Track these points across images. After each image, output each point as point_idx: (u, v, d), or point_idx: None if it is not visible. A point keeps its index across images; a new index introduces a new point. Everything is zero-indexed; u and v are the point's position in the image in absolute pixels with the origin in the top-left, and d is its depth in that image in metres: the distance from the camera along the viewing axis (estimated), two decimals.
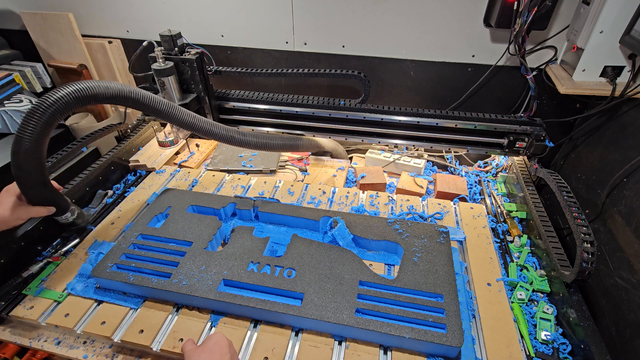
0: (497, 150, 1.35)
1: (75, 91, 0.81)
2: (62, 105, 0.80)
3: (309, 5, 1.39)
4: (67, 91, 0.80)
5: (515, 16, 1.16)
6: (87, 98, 0.83)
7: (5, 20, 1.77)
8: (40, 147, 0.81)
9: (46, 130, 0.81)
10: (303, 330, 0.87)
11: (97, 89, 0.84)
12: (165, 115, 0.98)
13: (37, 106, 0.78)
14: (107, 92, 0.85)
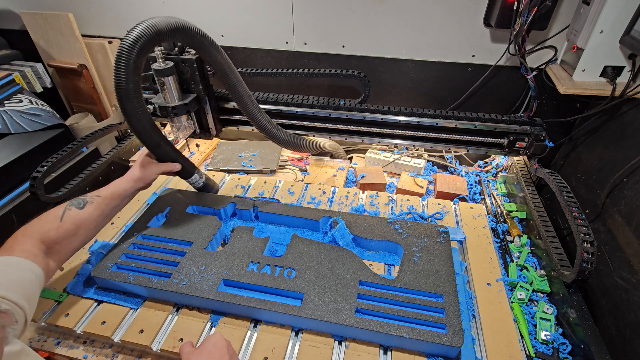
0: (497, 150, 1.35)
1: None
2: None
3: (309, 5, 1.39)
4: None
5: (515, 16, 1.16)
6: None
7: (5, 20, 1.77)
8: (140, 107, 0.89)
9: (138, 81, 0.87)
10: (303, 330, 0.87)
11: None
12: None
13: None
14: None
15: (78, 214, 0.86)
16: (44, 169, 1.10)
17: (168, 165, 1.00)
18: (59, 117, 1.67)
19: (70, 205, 0.87)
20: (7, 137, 1.49)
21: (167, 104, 1.25)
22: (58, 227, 0.82)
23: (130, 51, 0.84)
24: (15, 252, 0.73)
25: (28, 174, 1.09)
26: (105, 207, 0.91)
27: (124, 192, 0.94)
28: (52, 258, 0.80)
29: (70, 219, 0.85)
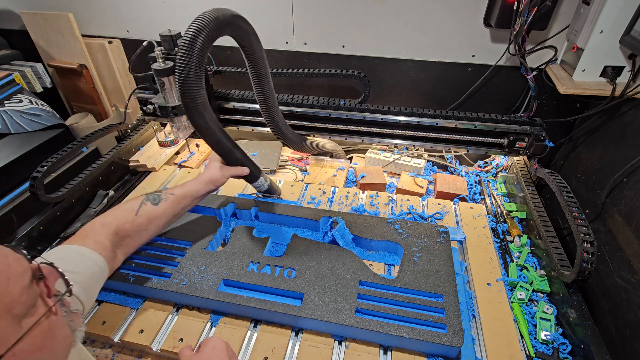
0: (497, 150, 1.35)
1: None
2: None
3: (309, 5, 1.39)
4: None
5: (515, 16, 1.16)
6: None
7: (5, 20, 1.77)
8: (212, 119, 0.90)
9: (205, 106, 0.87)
10: (303, 330, 0.87)
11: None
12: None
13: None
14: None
15: (153, 210, 0.87)
16: (44, 169, 1.10)
17: (237, 169, 1.02)
18: (59, 117, 1.67)
19: (146, 200, 0.88)
20: (7, 137, 1.49)
21: (167, 104, 1.25)
22: (133, 220, 0.84)
23: (198, 73, 0.82)
24: (88, 242, 0.75)
25: (28, 174, 1.09)
26: (177, 206, 0.92)
27: (195, 194, 0.95)
28: (120, 250, 0.82)
29: (145, 214, 0.86)
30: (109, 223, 0.81)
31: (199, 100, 0.85)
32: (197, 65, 0.81)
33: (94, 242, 0.76)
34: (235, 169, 1.02)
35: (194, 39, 0.80)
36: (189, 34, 0.80)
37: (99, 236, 0.78)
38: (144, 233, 0.86)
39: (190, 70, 0.81)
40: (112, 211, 0.84)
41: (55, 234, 1.17)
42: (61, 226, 1.20)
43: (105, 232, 0.79)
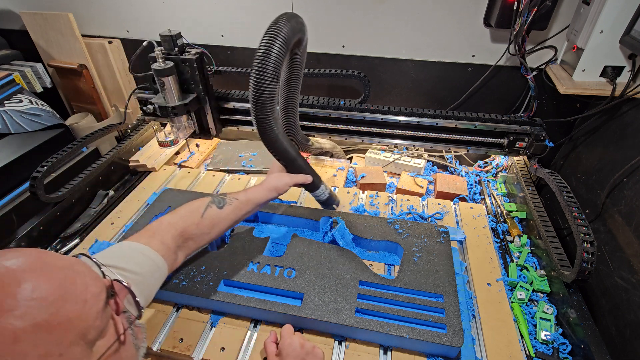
0: (497, 150, 1.35)
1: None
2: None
3: (309, 5, 1.39)
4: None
5: (515, 16, 1.16)
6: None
7: (5, 20, 1.77)
8: (279, 131, 0.89)
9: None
10: (303, 330, 0.87)
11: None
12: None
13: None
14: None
15: (217, 214, 0.86)
16: (44, 169, 1.10)
17: (300, 177, 0.99)
18: (59, 117, 1.67)
19: (211, 203, 0.86)
20: (7, 137, 1.49)
21: (167, 104, 1.25)
22: (198, 222, 0.82)
23: (274, 83, 0.78)
24: (154, 242, 0.74)
25: (28, 174, 1.09)
26: (239, 211, 0.90)
27: (258, 200, 0.93)
28: (182, 252, 0.81)
29: (210, 217, 0.84)
30: (175, 223, 0.79)
31: (271, 115, 0.83)
32: (273, 78, 0.78)
33: (159, 242, 0.75)
34: (298, 176, 0.99)
35: (269, 49, 0.77)
36: (264, 44, 0.77)
37: (166, 236, 0.77)
38: (206, 236, 0.85)
39: (266, 85, 0.78)
40: (178, 211, 0.83)
41: (55, 234, 1.17)
42: (61, 226, 1.20)
43: (171, 232, 0.78)
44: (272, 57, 0.76)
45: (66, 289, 0.41)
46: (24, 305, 0.37)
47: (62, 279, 0.41)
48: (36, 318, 0.37)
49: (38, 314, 0.37)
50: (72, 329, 0.39)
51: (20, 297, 0.37)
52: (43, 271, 0.41)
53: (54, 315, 0.38)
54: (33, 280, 0.39)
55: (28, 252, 0.43)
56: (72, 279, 0.42)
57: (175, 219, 0.80)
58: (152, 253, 0.72)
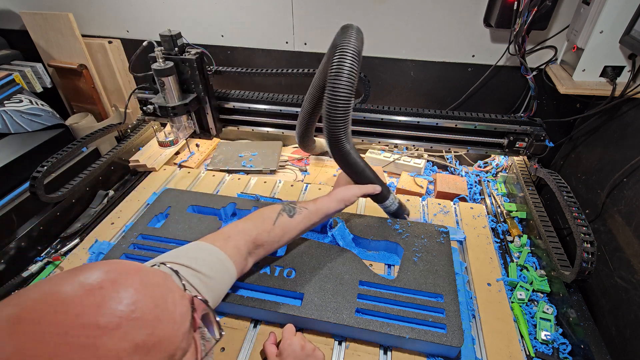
0: (497, 150, 1.35)
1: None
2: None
3: (309, 5, 1.39)
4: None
5: (515, 16, 1.16)
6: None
7: (5, 20, 1.77)
8: (352, 146, 0.91)
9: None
10: (303, 330, 0.87)
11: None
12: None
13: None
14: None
15: (288, 222, 0.87)
16: (44, 169, 1.10)
17: (369, 188, 0.99)
18: (59, 117, 1.67)
19: (282, 211, 0.87)
20: (7, 137, 1.49)
21: (167, 104, 1.25)
22: (270, 230, 0.83)
23: (348, 101, 0.79)
24: (228, 246, 0.75)
25: (28, 174, 1.09)
26: (308, 221, 0.90)
27: (327, 210, 0.93)
28: (251, 258, 0.82)
29: (281, 225, 0.85)
30: (249, 230, 0.81)
31: (345, 131, 0.84)
32: (349, 94, 0.79)
33: (233, 247, 0.76)
34: (367, 187, 0.99)
35: (348, 69, 0.77)
36: (339, 61, 0.77)
37: (240, 242, 0.78)
38: (276, 244, 0.86)
39: (341, 102, 0.79)
40: (252, 218, 0.84)
41: (55, 234, 1.17)
42: (61, 226, 1.20)
43: (245, 238, 0.79)
44: (347, 74, 0.77)
45: (161, 309, 0.40)
46: (126, 324, 0.36)
47: (158, 297, 0.40)
48: (136, 339, 0.36)
49: (137, 335, 0.36)
50: (163, 350, 0.38)
51: (121, 315, 0.36)
52: (142, 288, 0.40)
53: (150, 336, 0.37)
54: (133, 298, 0.38)
55: (127, 266, 0.42)
56: (165, 298, 0.41)
57: (249, 226, 0.81)
58: (224, 258, 0.72)
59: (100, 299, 0.36)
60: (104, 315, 0.35)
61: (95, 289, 0.37)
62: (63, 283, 0.37)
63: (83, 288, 0.36)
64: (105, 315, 0.35)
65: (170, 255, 0.69)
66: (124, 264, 0.43)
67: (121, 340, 0.35)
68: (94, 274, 0.38)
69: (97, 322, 0.34)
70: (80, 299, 0.35)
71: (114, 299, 0.37)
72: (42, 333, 0.32)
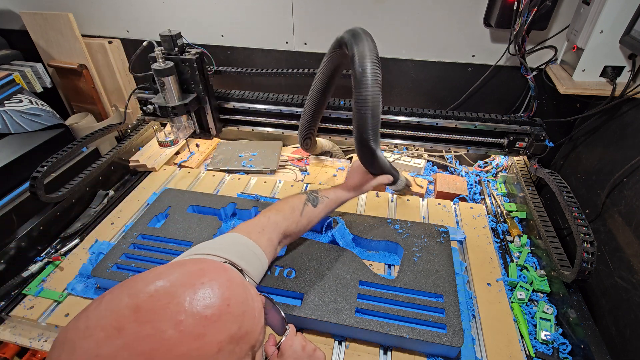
0: (497, 150, 1.35)
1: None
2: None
3: (309, 5, 1.39)
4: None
5: (515, 16, 1.16)
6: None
7: (5, 20, 1.77)
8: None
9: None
10: (303, 330, 0.87)
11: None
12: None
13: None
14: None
15: (313, 212, 0.91)
16: (44, 169, 1.10)
17: (384, 178, 1.01)
18: (59, 117, 1.67)
19: (307, 201, 0.91)
20: (7, 137, 1.49)
21: (167, 104, 1.25)
22: (298, 221, 0.88)
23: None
24: (262, 239, 0.79)
25: (28, 174, 1.09)
26: (328, 209, 0.95)
27: (344, 198, 0.98)
28: (279, 247, 0.87)
29: (307, 216, 0.90)
30: (281, 222, 0.85)
31: (376, 134, 0.87)
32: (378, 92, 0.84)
33: (267, 240, 0.80)
34: (382, 178, 1.01)
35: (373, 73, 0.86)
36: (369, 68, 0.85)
37: (273, 234, 0.82)
38: (301, 232, 0.91)
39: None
40: (281, 209, 0.88)
41: (55, 234, 1.17)
42: (61, 226, 1.20)
43: (277, 231, 0.83)
44: (373, 77, 0.85)
45: (246, 305, 0.45)
46: (224, 317, 0.41)
47: (243, 294, 0.45)
48: (230, 330, 0.41)
49: (232, 327, 0.41)
50: (248, 341, 0.43)
51: (221, 309, 0.41)
52: (232, 286, 0.44)
53: (240, 329, 0.42)
54: (227, 295, 0.43)
55: (217, 264, 0.47)
56: (247, 295, 0.46)
57: (280, 219, 0.85)
58: (260, 253, 0.76)
59: (203, 294, 0.41)
60: (209, 308, 0.40)
61: (197, 285, 0.41)
62: (168, 278, 0.42)
63: (187, 284, 0.41)
64: (209, 308, 0.40)
65: (212, 248, 0.71)
66: (213, 263, 0.47)
67: (221, 331, 0.39)
68: (191, 271, 0.44)
69: (204, 314, 0.39)
70: (187, 294, 0.40)
71: (214, 296, 0.41)
72: (160, 321, 0.37)
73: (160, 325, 0.36)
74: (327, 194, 0.96)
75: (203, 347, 0.37)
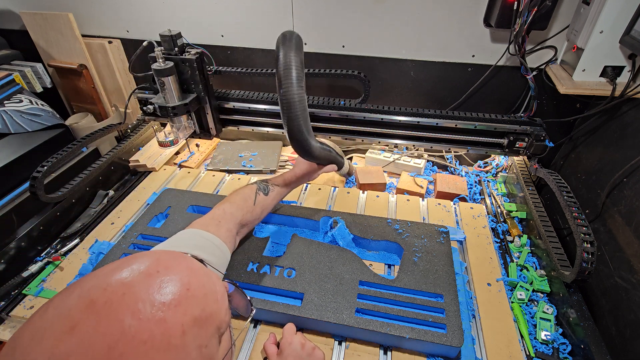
0: (497, 150, 1.35)
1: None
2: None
3: (309, 5, 1.39)
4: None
5: (515, 16, 1.16)
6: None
7: (5, 20, 1.77)
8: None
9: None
10: (303, 330, 0.87)
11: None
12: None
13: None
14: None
15: (265, 200, 0.94)
16: (44, 169, 1.10)
17: (328, 168, 1.08)
18: (59, 117, 1.67)
19: (259, 190, 0.94)
20: (7, 137, 1.49)
21: (167, 104, 1.25)
22: (252, 210, 0.91)
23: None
24: (221, 231, 0.79)
25: (28, 174, 1.09)
26: (279, 196, 1.00)
27: (294, 186, 1.04)
28: (238, 237, 0.90)
29: (260, 204, 0.93)
30: (236, 213, 0.86)
31: (307, 127, 0.86)
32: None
33: (226, 230, 0.81)
34: (327, 168, 1.08)
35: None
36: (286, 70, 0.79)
37: (230, 224, 0.83)
38: (256, 221, 0.94)
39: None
40: (234, 200, 0.90)
41: (55, 234, 1.17)
42: (61, 226, 1.20)
43: (233, 221, 0.85)
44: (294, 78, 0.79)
45: (208, 288, 0.45)
46: (185, 301, 0.41)
47: (203, 279, 0.46)
48: (194, 313, 0.41)
49: (194, 310, 0.41)
50: (212, 323, 0.44)
51: (180, 294, 0.41)
52: (190, 272, 0.45)
53: (204, 311, 0.43)
54: (186, 280, 0.43)
55: (173, 254, 0.49)
56: (208, 279, 0.47)
57: (234, 209, 0.87)
58: (220, 243, 0.77)
59: (160, 281, 0.41)
60: (167, 294, 0.40)
61: (153, 274, 0.41)
62: (121, 271, 0.41)
63: (142, 274, 0.41)
64: (168, 294, 0.40)
65: (170, 244, 0.71)
66: (170, 253, 0.48)
67: (184, 314, 0.40)
68: (146, 262, 0.43)
69: (163, 300, 0.39)
70: (143, 283, 0.40)
71: (172, 281, 0.42)
72: (116, 312, 0.36)
73: (118, 316, 0.35)
74: (277, 182, 1.00)
75: (167, 332, 0.37)
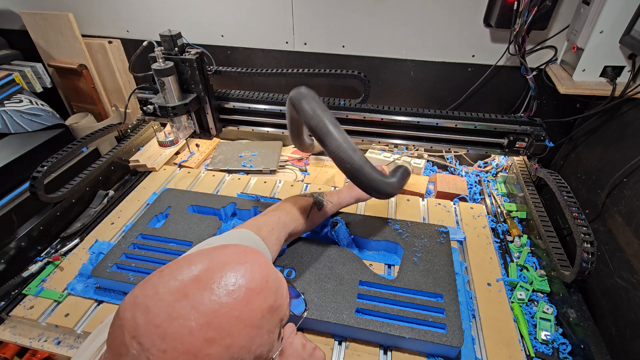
0: (497, 150, 1.35)
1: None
2: None
3: (309, 5, 1.39)
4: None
5: (515, 16, 1.16)
6: None
7: (5, 20, 1.77)
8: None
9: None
10: (303, 330, 0.87)
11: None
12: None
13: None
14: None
15: (317, 215, 0.97)
16: (44, 169, 1.10)
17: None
18: (59, 117, 1.67)
19: (314, 205, 0.97)
20: (7, 137, 1.49)
21: (167, 104, 1.25)
22: (304, 223, 0.93)
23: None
24: (271, 238, 0.82)
25: (28, 174, 1.09)
26: (329, 213, 1.02)
27: (345, 204, 1.05)
28: (284, 245, 0.92)
29: (312, 218, 0.96)
30: (288, 223, 0.89)
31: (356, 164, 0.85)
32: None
33: (275, 238, 0.83)
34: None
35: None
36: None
37: (280, 233, 0.85)
38: (302, 232, 0.97)
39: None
40: (289, 211, 0.91)
41: (56, 234, 1.17)
42: (61, 226, 1.20)
43: (285, 230, 0.87)
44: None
45: (278, 282, 0.52)
46: (265, 290, 0.48)
47: (275, 273, 0.52)
48: (269, 301, 0.48)
49: (269, 299, 0.48)
50: (279, 314, 0.50)
51: (261, 283, 0.48)
52: (266, 264, 0.51)
53: (275, 301, 0.49)
54: (265, 271, 0.50)
55: (254, 249, 0.54)
56: (278, 274, 0.53)
57: (289, 220, 0.89)
58: (266, 249, 0.79)
59: (247, 269, 0.48)
60: (254, 282, 0.47)
61: (242, 263, 0.48)
62: (218, 255, 0.49)
63: (236, 261, 0.48)
64: (254, 281, 0.47)
65: (225, 241, 0.73)
66: (251, 247, 0.54)
67: (263, 301, 0.47)
68: (238, 251, 0.51)
69: (250, 286, 0.46)
70: (237, 269, 0.47)
71: (256, 272, 0.48)
72: (217, 289, 0.44)
73: (218, 292, 0.43)
74: (332, 199, 1.01)
75: (251, 312, 0.45)
